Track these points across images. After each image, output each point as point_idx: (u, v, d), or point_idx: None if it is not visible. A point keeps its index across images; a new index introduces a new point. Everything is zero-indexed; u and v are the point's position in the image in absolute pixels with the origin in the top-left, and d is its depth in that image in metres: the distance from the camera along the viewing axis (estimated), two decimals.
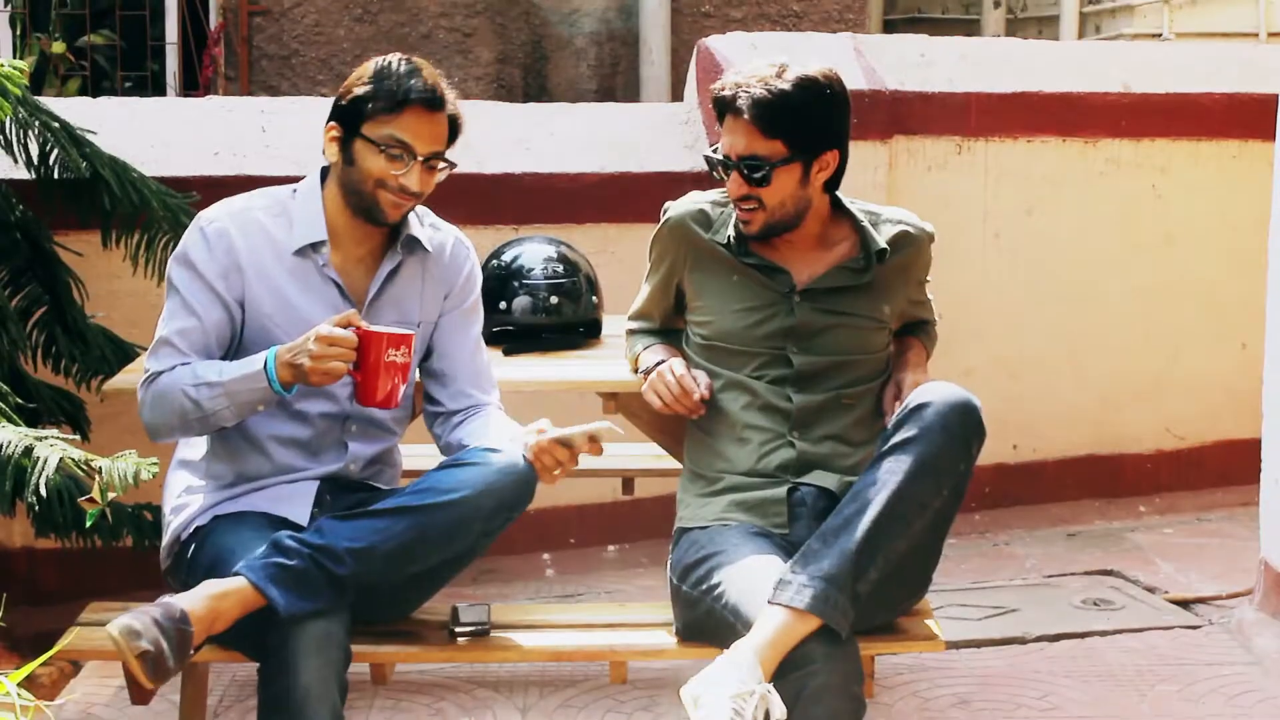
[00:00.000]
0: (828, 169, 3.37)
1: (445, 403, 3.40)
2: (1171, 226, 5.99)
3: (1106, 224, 5.90)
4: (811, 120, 3.31)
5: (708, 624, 3.21)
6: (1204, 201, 6.00)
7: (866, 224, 3.44)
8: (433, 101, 3.24)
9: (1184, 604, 4.83)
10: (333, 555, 3.06)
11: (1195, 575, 5.10)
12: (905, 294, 3.53)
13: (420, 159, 3.23)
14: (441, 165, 3.29)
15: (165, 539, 3.36)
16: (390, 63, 3.27)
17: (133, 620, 2.91)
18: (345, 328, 3.07)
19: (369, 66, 3.29)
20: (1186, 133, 5.97)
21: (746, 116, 3.27)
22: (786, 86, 3.27)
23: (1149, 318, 6.00)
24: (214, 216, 3.32)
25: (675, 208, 3.52)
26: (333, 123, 3.29)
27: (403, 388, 3.15)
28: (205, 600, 3.00)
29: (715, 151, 3.37)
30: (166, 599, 2.99)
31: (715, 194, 3.52)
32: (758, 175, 3.29)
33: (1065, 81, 5.84)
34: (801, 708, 2.94)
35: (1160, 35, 8.22)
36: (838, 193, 3.46)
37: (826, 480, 3.31)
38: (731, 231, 3.43)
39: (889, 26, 9.66)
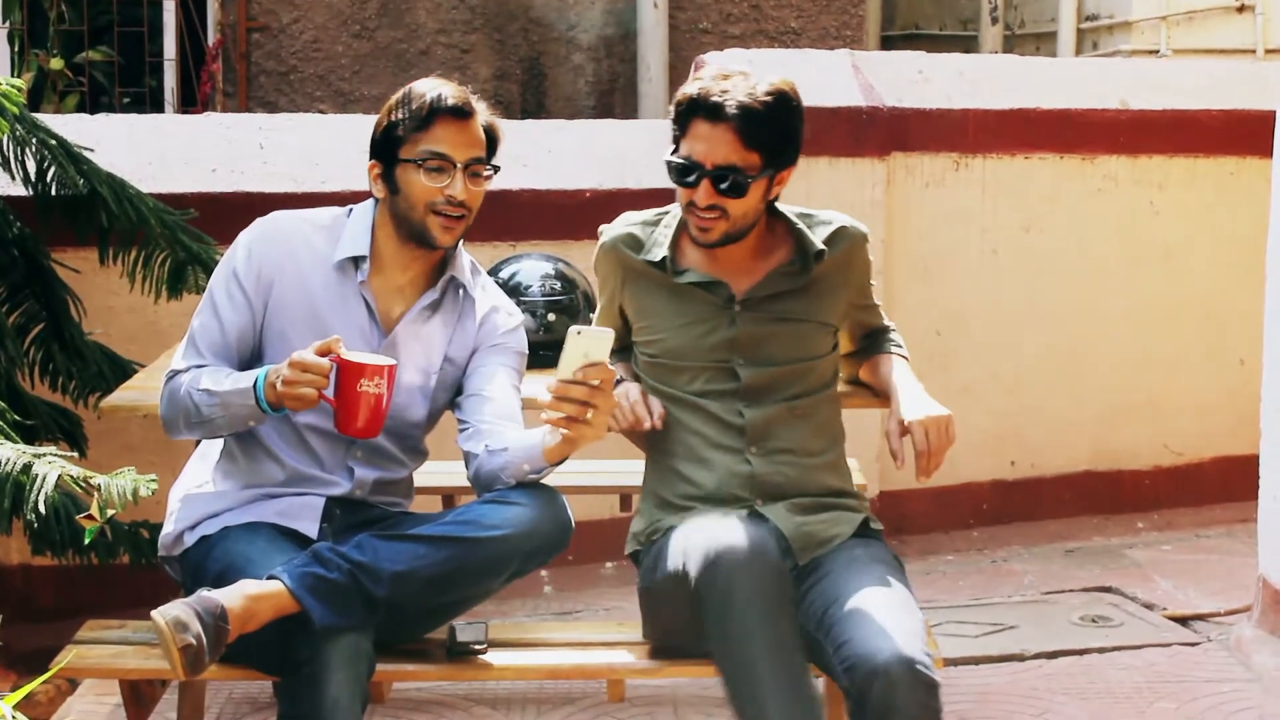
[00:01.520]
0: (784, 183, 3.35)
1: (473, 424, 3.38)
2: (1169, 243, 6.00)
3: (1104, 240, 5.91)
4: (786, 134, 3.28)
5: (663, 596, 3.20)
6: (1201, 218, 6.01)
7: (802, 226, 3.42)
8: (459, 110, 3.25)
9: (1182, 621, 4.83)
10: (373, 575, 3.07)
11: (1194, 592, 5.10)
12: (846, 296, 3.49)
13: (460, 166, 3.25)
14: (486, 172, 3.30)
15: (167, 526, 3.36)
16: (412, 86, 3.30)
17: (180, 612, 2.92)
18: (326, 354, 3.07)
19: (393, 97, 3.31)
20: (1184, 149, 5.98)
21: (732, 125, 3.21)
22: (769, 99, 3.23)
23: (1147, 334, 6.00)
24: (265, 220, 3.36)
25: (607, 232, 3.50)
26: (372, 160, 3.31)
27: (385, 418, 3.13)
28: (242, 599, 3.00)
29: (676, 155, 3.30)
30: (205, 593, 2.99)
31: (648, 214, 3.50)
32: (734, 186, 3.24)
33: (1063, 98, 5.85)
34: None
35: (1158, 52, 8.23)
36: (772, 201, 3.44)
37: (785, 523, 3.30)
38: (666, 251, 3.41)
39: (886, 42, 9.66)
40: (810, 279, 3.40)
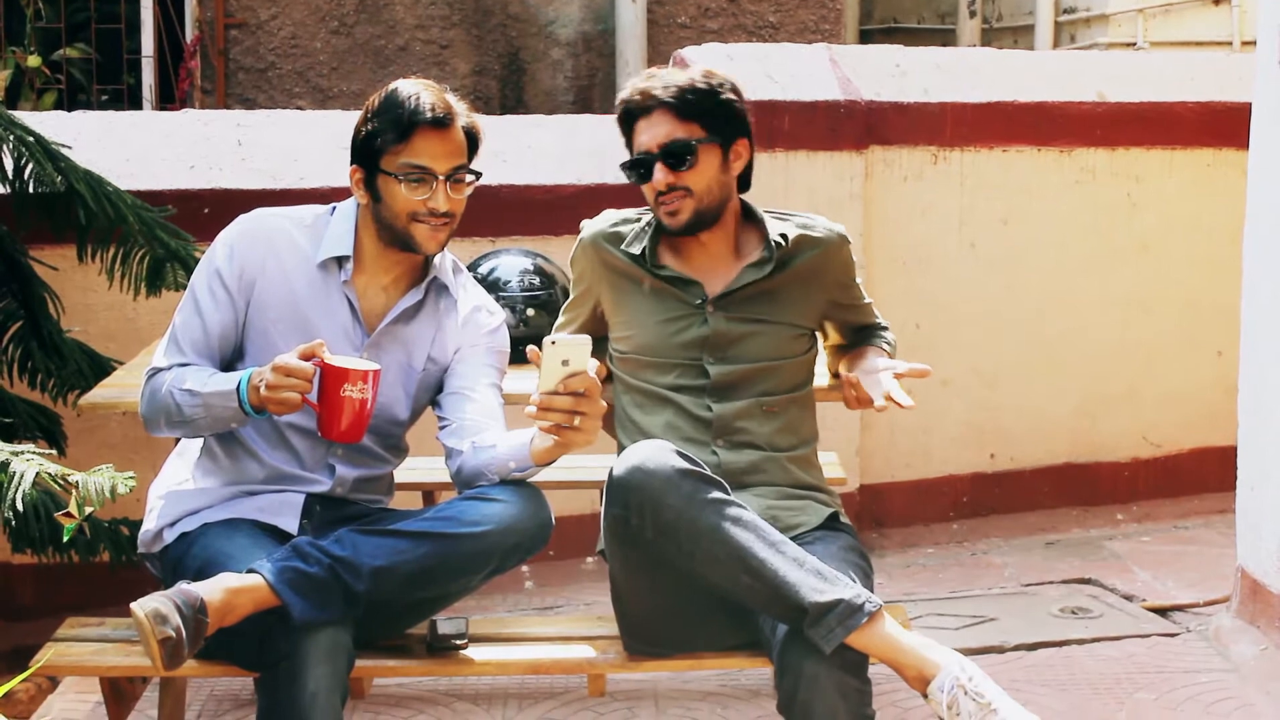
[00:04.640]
0: (742, 158, 3.47)
1: (454, 420, 3.37)
2: (1146, 235, 6.01)
3: (1082, 233, 5.92)
4: (721, 103, 3.42)
5: (620, 558, 3.23)
6: (1178, 210, 6.03)
7: (770, 220, 3.51)
8: (440, 120, 3.23)
9: (1161, 612, 4.84)
10: (353, 569, 3.07)
11: (1172, 583, 5.11)
12: (824, 297, 3.53)
13: (441, 178, 3.23)
14: (468, 179, 3.29)
15: (147, 523, 3.35)
16: (392, 91, 3.27)
17: (159, 604, 2.91)
18: (310, 358, 3.06)
19: (373, 100, 3.29)
20: (1161, 142, 5.99)
21: (663, 105, 3.38)
22: (693, 75, 3.42)
23: (1125, 326, 6.02)
24: (248, 218, 3.35)
25: (588, 227, 3.59)
26: (354, 165, 3.30)
27: (369, 421, 3.13)
28: (222, 593, 2.99)
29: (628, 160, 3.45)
30: (184, 586, 2.99)
31: (630, 212, 3.59)
32: (682, 157, 3.37)
33: (1040, 91, 5.86)
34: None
35: (1135, 45, 8.26)
36: (749, 202, 3.54)
37: (753, 505, 3.29)
38: (646, 244, 3.48)
39: (865, 36, 9.69)
40: (782, 280, 3.44)
